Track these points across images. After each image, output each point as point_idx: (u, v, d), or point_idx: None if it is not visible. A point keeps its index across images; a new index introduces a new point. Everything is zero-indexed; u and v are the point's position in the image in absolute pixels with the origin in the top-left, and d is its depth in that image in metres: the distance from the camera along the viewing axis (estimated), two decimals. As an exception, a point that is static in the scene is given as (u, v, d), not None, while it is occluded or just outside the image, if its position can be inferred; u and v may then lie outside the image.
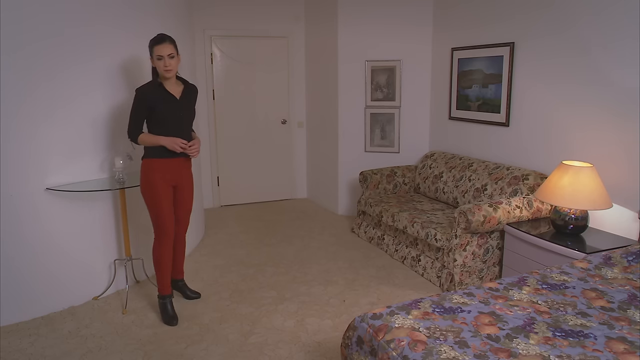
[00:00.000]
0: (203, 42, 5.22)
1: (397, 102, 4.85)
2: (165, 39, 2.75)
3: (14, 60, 2.75)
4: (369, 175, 4.51)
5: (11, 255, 2.90)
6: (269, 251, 4.20)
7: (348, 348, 1.98)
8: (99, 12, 3.08)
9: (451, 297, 2.07)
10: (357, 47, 4.86)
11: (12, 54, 2.74)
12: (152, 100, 2.77)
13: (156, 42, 2.74)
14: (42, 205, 2.95)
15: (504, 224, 3.21)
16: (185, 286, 3.31)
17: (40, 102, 2.88)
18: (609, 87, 3.00)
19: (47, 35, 2.85)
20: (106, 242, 3.30)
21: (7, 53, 2.72)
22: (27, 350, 2.68)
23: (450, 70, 4.43)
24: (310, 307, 3.16)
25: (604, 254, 2.49)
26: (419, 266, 3.69)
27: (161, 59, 2.73)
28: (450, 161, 4.25)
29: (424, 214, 3.86)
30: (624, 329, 1.81)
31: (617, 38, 2.91)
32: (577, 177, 2.84)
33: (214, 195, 5.60)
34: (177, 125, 2.88)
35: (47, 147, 2.95)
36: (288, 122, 5.67)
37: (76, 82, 3.02)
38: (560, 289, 2.15)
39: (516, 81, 3.71)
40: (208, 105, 5.38)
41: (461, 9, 4.25)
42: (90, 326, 2.93)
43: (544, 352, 1.65)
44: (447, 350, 1.66)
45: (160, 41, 2.73)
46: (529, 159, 3.65)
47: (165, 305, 3.02)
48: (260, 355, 2.63)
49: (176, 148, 2.82)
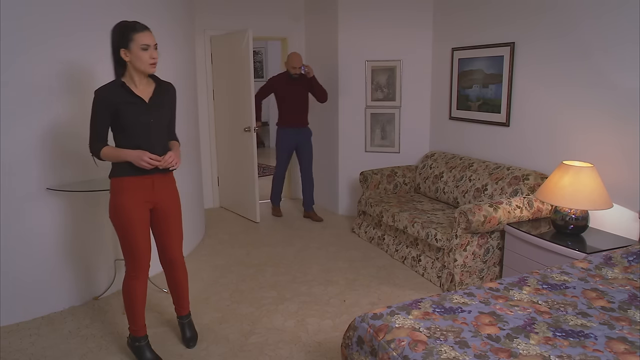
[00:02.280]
0: (203, 42, 5.22)
1: (397, 102, 4.85)
2: (145, 25, 2.28)
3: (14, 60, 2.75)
4: (369, 175, 4.51)
5: (11, 255, 2.90)
6: (269, 251, 4.20)
7: (348, 348, 1.98)
8: (98, 12, 3.08)
9: (451, 297, 2.07)
10: (357, 47, 4.86)
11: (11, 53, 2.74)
12: (114, 105, 2.27)
13: (137, 29, 2.23)
14: (42, 205, 2.96)
15: (505, 224, 3.21)
16: (190, 325, 2.76)
17: (40, 102, 2.88)
18: (609, 88, 3.00)
19: (47, 35, 2.86)
20: (106, 242, 3.30)
21: (6, 52, 2.72)
22: (28, 350, 2.68)
23: (450, 70, 4.43)
24: (311, 307, 3.16)
25: (604, 254, 2.48)
26: (419, 266, 3.69)
27: (147, 48, 2.24)
28: (451, 161, 4.25)
29: (424, 214, 3.86)
30: (624, 329, 1.81)
31: (618, 42, 2.91)
32: (577, 177, 2.83)
33: (214, 195, 5.60)
34: (145, 134, 2.33)
35: (47, 146, 2.95)
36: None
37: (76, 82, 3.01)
38: (561, 289, 2.15)
39: (516, 81, 3.71)
40: (208, 105, 5.38)
41: (461, 9, 4.25)
42: (91, 326, 2.93)
43: (544, 352, 1.65)
44: (447, 351, 1.66)
45: (142, 28, 2.25)
46: (529, 159, 3.65)
47: (142, 350, 2.53)
48: (260, 355, 2.63)
49: (143, 164, 2.27)
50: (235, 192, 5.33)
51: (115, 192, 2.38)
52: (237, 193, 5.28)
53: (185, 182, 4.10)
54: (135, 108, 2.31)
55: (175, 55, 3.86)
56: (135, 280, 2.45)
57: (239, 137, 5.04)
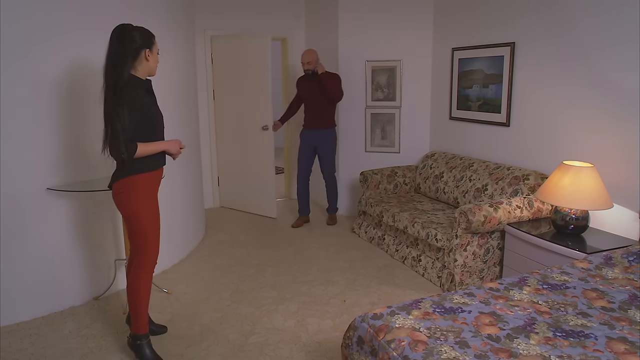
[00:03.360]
0: (203, 42, 5.22)
1: (397, 102, 4.85)
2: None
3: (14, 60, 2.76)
4: (369, 175, 4.51)
5: (11, 255, 2.90)
6: (269, 251, 4.20)
7: (348, 348, 1.98)
8: (98, 13, 3.08)
9: (452, 297, 2.07)
10: (358, 48, 4.86)
11: (12, 54, 2.74)
12: (146, 103, 2.40)
13: (154, 37, 2.45)
14: (42, 205, 2.96)
15: (505, 224, 3.21)
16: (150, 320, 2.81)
17: (40, 101, 2.88)
18: (610, 88, 3.00)
19: (47, 36, 2.86)
20: (106, 242, 3.30)
21: (7, 53, 2.72)
22: (28, 350, 2.68)
23: (450, 70, 4.42)
24: (311, 307, 3.16)
25: (604, 254, 2.48)
26: (419, 266, 3.68)
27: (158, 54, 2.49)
28: (451, 161, 4.25)
29: (424, 214, 3.86)
30: (624, 329, 1.81)
31: (618, 41, 2.91)
32: (577, 177, 2.83)
33: (214, 196, 5.60)
34: (162, 128, 2.54)
35: (48, 147, 2.95)
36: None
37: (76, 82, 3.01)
38: (561, 289, 2.15)
39: (517, 81, 3.71)
40: (208, 105, 5.38)
41: (462, 9, 4.25)
42: (91, 326, 2.93)
43: (544, 352, 1.65)
44: (447, 351, 1.66)
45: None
46: (529, 159, 3.65)
47: (143, 349, 2.55)
48: (260, 355, 2.63)
49: (178, 151, 2.53)
50: (246, 191, 5.35)
51: (137, 188, 2.41)
52: (249, 191, 5.30)
53: (186, 181, 4.10)
54: (155, 103, 2.52)
55: (175, 56, 3.86)
56: (148, 275, 2.54)
57: (254, 135, 5.09)
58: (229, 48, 5.17)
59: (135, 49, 2.35)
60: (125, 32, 2.33)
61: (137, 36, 2.37)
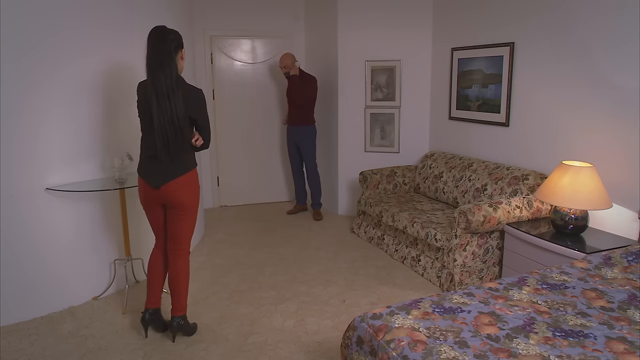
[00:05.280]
0: (203, 42, 5.21)
1: (397, 102, 4.85)
2: None
3: (14, 60, 2.75)
4: (368, 175, 4.51)
5: (11, 255, 2.90)
6: (268, 251, 4.20)
7: (348, 348, 1.98)
8: (99, 13, 3.08)
9: (451, 297, 2.07)
10: (357, 47, 4.86)
11: (12, 54, 2.74)
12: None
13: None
14: (42, 205, 2.95)
15: (504, 224, 3.21)
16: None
17: (40, 101, 2.88)
18: (609, 88, 3.00)
19: (47, 36, 2.85)
20: (106, 242, 3.30)
21: (8, 53, 2.72)
22: (27, 350, 2.68)
23: (450, 70, 4.43)
24: (310, 307, 3.16)
25: (604, 254, 2.49)
26: (419, 266, 3.69)
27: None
28: (450, 161, 4.25)
29: (424, 214, 3.86)
30: (624, 329, 1.81)
31: (617, 42, 2.91)
32: (577, 177, 2.83)
33: (214, 195, 5.60)
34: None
35: (47, 147, 2.95)
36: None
37: (76, 82, 3.02)
38: (560, 289, 2.15)
39: (516, 81, 3.71)
40: (208, 105, 5.37)
41: (461, 9, 4.25)
42: (90, 326, 2.93)
43: (544, 352, 1.65)
44: (447, 351, 1.66)
45: None
46: (529, 159, 3.65)
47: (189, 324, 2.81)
48: (260, 355, 2.63)
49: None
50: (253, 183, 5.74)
51: (197, 180, 2.69)
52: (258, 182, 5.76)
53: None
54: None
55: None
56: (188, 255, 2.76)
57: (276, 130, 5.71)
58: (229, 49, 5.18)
59: (171, 52, 2.48)
60: (165, 32, 2.47)
61: (173, 38, 2.51)
